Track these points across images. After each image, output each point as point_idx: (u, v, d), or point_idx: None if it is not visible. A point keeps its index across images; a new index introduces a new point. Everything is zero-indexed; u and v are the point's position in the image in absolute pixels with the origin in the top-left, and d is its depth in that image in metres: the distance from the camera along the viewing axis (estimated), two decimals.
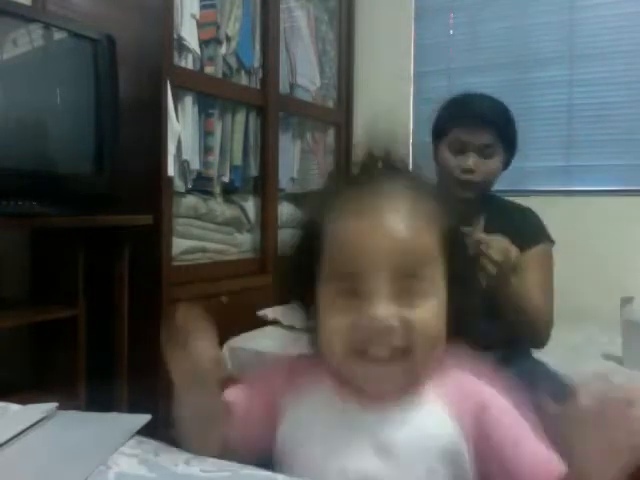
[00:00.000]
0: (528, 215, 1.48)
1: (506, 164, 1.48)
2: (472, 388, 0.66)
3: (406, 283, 0.61)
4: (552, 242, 1.47)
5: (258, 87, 2.47)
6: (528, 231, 1.42)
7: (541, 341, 1.38)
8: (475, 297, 0.72)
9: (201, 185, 2.27)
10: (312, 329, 0.69)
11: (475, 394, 0.66)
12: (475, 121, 1.41)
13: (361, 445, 0.64)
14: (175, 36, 2.05)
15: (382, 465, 0.63)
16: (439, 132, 1.48)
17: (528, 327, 1.34)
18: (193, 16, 2.12)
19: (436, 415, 0.65)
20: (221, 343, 2.25)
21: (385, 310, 0.60)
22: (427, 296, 0.62)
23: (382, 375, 0.63)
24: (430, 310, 0.62)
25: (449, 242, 0.65)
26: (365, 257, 0.61)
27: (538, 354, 1.46)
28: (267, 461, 0.70)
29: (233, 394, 0.73)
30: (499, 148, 1.43)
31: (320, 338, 0.66)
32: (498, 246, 1.20)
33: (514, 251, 1.22)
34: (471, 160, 1.40)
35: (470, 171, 1.40)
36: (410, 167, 0.70)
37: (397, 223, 0.61)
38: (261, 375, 0.77)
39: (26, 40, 1.63)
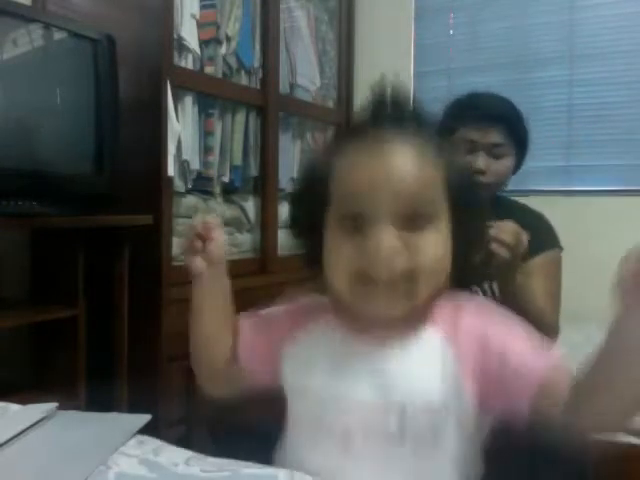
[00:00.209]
0: (540, 220, 1.44)
1: (517, 165, 1.43)
2: (471, 323, 0.68)
3: (410, 215, 0.63)
4: (561, 248, 1.43)
5: (258, 87, 2.47)
6: (539, 236, 1.35)
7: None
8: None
9: (201, 185, 2.27)
10: (317, 264, 0.70)
11: (475, 329, 0.67)
12: (484, 118, 1.36)
13: (360, 376, 0.66)
14: (175, 36, 2.05)
15: (380, 395, 0.65)
16: (445, 132, 1.41)
17: (533, 328, 1.31)
18: (193, 16, 2.12)
19: (435, 349, 0.66)
20: None
21: (388, 236, 0.61)
22: (430, 229, 0.64)
23: (384, 303, 0.64)
24: (433, 240, 0.64)
25: (455, 184, 0.67)
26: (370, 191, 0.62)
27: None
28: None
29: (241, 324, 0.77)
30: (510, 148, 1.38)
31: (325, 269, 0.68)
32: (509, 229, 1.14)
33: (524, 235, 1.16)
34: (481, 160, 1.34)
35: (480, 172, 1.34)
36: (417, 111, 0.71)
37: (402, 159, 0.63)
38: (266, 314, 0.81)
39: (26, 40, 1.63)
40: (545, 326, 1.27)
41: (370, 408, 0.65)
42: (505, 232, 1.14)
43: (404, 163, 0.63)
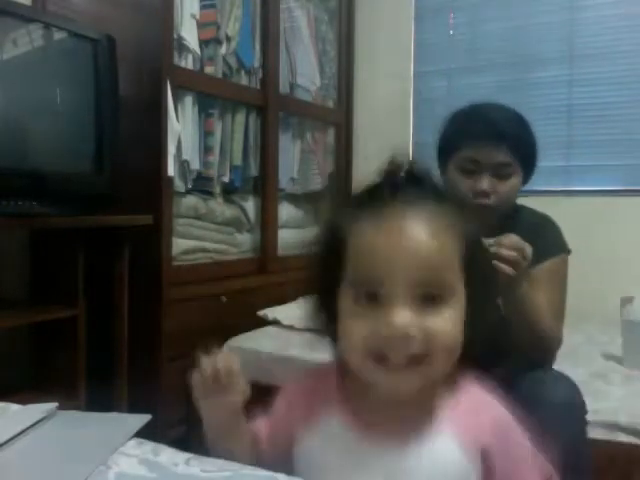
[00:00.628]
0: (546, 224, 1.36)
1: (525, 181, 1.33)
2: (484, 409, 0.68)
3: (426, 292, 0.62)
4: (568, 252, 1.37)
5: (258, 87, 2.47)
6: (546, 241, 1.29)
7: (548, 358, 1.27)
8: (493, 313, 0.72)
9: (201, 185, 2.27)
10: (332, 333, 0.69)
11: (487, 415, 0.68)
12: (488, 136, 1.25)
13: (373, 475, 0.66)
14: (175, 36, 2.05)
15: None
16: (446, 150, 1.32)
17: (537, 341, 1.21)
18: (193, 16, 2.12)
19: (447, 448, 0.65)
20: (221, 343, 2.26)
21: (404, 318, 0.60)
22: (446, 305, 0.63)
23: (399, 380, 0.64)
24: (448, 319, 0.63)
25: (470, 254, 0.66)
26: (387, 265, 0.61)
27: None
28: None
29: (258, 426, 0.77)
30: (517, 166, 1.27)
31: (340, 342, 0.67)
32: (511, 244, 1.08)
33: (528, 248, 1.10)
34: (485, 182, 1.24)
35: (485, 194, 1.24)
36: (433, 179, 0.71)
37: (419, 233, 0.62)
38: (280, 404, 0.79)
39: (26, 40, 1.63)
40: (547, 338, 1.23)
41: None
42: (507, 247, 1.08)
43: (420, 241, 0.62)
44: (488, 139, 1.25)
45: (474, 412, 0.68)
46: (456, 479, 0.65)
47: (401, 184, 0.67)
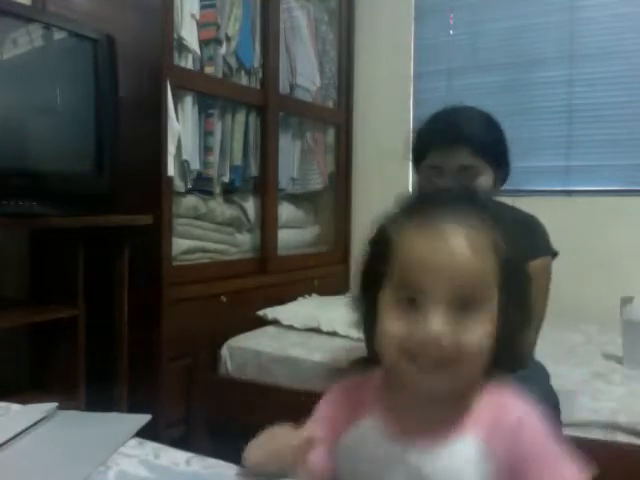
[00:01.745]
0: (531, 224, 1.36)
1: (503, 177, 1.34)
2: (509, 411, 0.72)
3: (461, 303, 0.67)
4: (554, 254, 1.36)
5: (258, 87, 2.48)
6: (530, 243, 1.27)
7: (525, 361, 1.25)
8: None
9: (201, 185, 2.27)
10: (371, 332, 0.74)
11: (512, 416, 0.71)
12: (448, 139, 1.26)
13: (399, 476, 0.71)
14: (175, 36, 2.05)
15: None
16: (416, 158, 1.36)
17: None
18: (193, 16, 2.12)
19: (472, 449, 0.70)
20: (221, 343, 2.27)
21: (438, 325, 0.66)
22: (478, 317, 0.68)
23: (429, 380, 0.69)
24: (479, 330, 0.68)
25: (506, 274, 0.70)
26: (427, 274, 0.67)
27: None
28: None
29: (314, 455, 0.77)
30: (483, 168, 1.28)
31: (377, 340, 0.72)
32: None
33: None
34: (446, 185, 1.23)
35: None
36: (479, 198, 0.76)
37: (461, 248, 0.68)
38: (324, 407, 0.82)
39: (26, 40, 1.63)
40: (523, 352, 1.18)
41: None
42: None
43: (460, 252, 0.68)
44: (448, 142, 1.26)
45: (499, 414, 0.71)
46: None
47: (449, 200, 0.74)
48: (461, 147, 1.26)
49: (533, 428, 0.70)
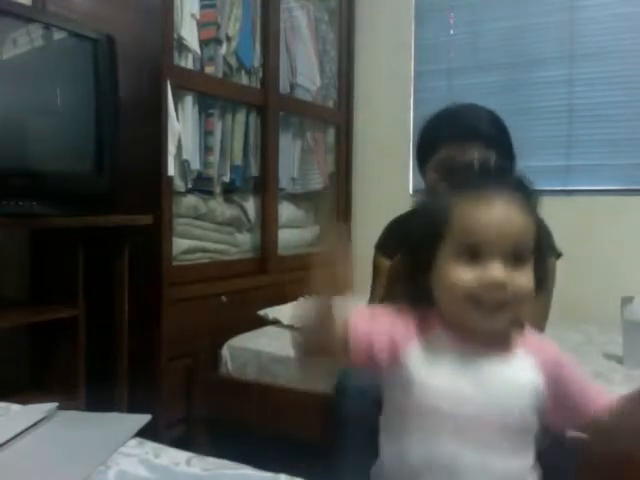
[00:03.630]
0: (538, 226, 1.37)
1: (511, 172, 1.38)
2: (548, 347, 0.90)
3: (514, 255, 0.82)
4: (558, 255, 1.36)
5: (258, 87, 2.48)
6: None
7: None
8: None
9: (201, 185, 2.27)
10: (426, 288, 0.87)
11: (550, 351, 0.89)
12: (461, 135, 1.27)
13: (474, 380, 0.83)
14: (175, 36, 2.05)
15: (487, 398, 0.83)
16: (423, 154, 1.36)
17: None
18: (193, 16, 2.12)
19: (526, 365, 0.86)
20: (221, 343, 2.27)
21: (500, 272, 0.81)
22: (525, 267, 0.83)
23: (492, 320, 0.83)
24: (527, 277, 0.83)
25: (538, 236, 0.86)
26: (487, 232, 0.82)
27: None
28: None
29: (359, 322, 0.86)
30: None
31: (438, 290, 0.85)
32: None
33: None
34: None
35: None
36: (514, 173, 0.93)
37: (509, 211, 0.84)
38: (386, 311, 0.91)
39: (26, 40, 1.63)
40: None
41: (480, 407, 0.83)
42: None
43: (512, 216, 0.84)
44: (461, 138, 1.27)
45: (542, 345, 0.89)
46: (529, 386, 0.84)
47: (493, 175, 0.89)
48: (475, 142, 1.26)
49: (570, 360, 0.88)
